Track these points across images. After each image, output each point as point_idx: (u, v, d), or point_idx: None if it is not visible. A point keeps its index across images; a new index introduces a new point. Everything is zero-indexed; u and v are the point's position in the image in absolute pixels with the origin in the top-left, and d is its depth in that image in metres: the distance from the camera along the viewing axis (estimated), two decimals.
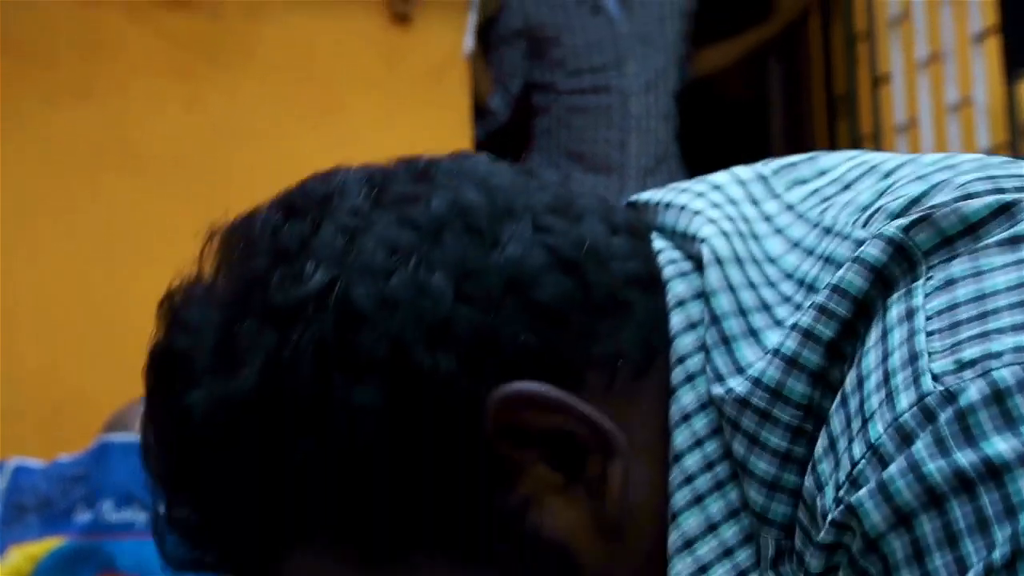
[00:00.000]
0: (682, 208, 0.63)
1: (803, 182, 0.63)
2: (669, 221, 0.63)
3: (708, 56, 3.38)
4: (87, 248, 2.02)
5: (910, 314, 0.53)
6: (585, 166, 3.12)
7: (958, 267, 0.53)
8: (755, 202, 0.63)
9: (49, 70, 2.03)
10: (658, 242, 0.63)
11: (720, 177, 0.65)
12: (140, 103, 2.07)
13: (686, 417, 0.58)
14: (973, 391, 0.49)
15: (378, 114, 2.19)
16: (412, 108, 2.21)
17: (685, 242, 0.62)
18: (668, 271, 0.61)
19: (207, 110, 2.10)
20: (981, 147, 2.90)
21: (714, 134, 3.88)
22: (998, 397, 0.48)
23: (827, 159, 0.64)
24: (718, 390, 0.57)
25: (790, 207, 0.62)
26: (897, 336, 0.52)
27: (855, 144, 3.35)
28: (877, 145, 3.27)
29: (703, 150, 3.70)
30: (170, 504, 0.61)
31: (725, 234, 0.60)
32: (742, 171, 0.65)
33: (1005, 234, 0.53)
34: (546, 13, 3.10)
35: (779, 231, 0.61)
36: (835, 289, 0.54)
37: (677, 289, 0.60)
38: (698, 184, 0.65)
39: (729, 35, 3.47)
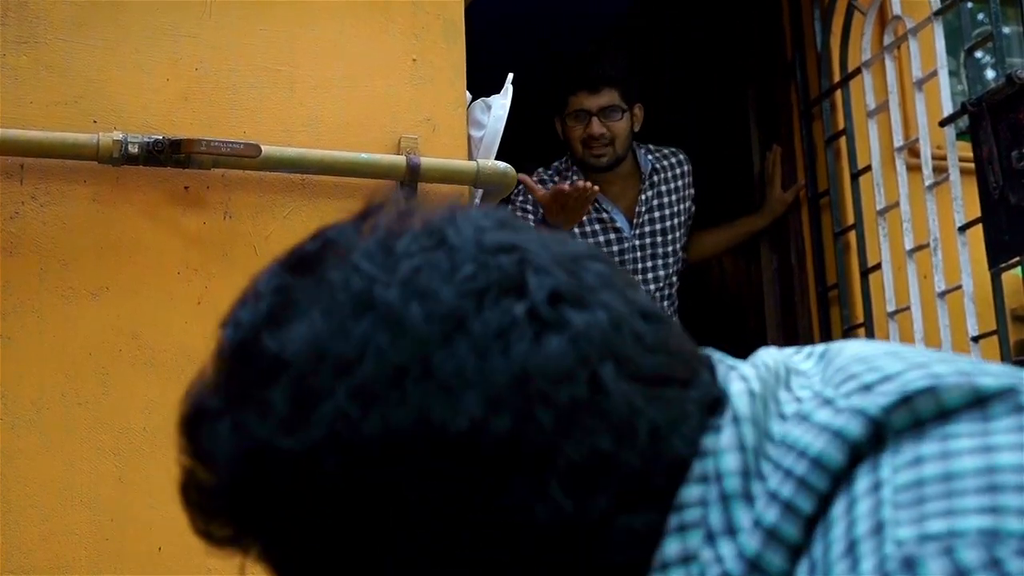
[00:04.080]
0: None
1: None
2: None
3: (699, 241, 3.44)
4: (97, 441, 2.00)
5: (877, 486, 0.55)
6: None
7: (927, 447, 0.56)
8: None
9: (66, 268, 2.04)
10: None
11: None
12: (153, 300, 2.07)
13: (664, 567, 0.61)
14: (935, 567, 0.50)
15: None
16: None
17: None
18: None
19: (217, 306, 2.08)
20: (970, 333, 2.94)
21: (709, 323, 3.93)
22: None
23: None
24: (707, 554, 0.59)
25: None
26: (863, 507, 0.54)
27: (847, 332, 3.39)
28: (869, 333, 3.31)
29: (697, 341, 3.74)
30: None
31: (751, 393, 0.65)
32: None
33: (976, 424, 0.56)
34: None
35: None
36: (814, 462, 0.58)
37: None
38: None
39: (720, 222, 3.54)
